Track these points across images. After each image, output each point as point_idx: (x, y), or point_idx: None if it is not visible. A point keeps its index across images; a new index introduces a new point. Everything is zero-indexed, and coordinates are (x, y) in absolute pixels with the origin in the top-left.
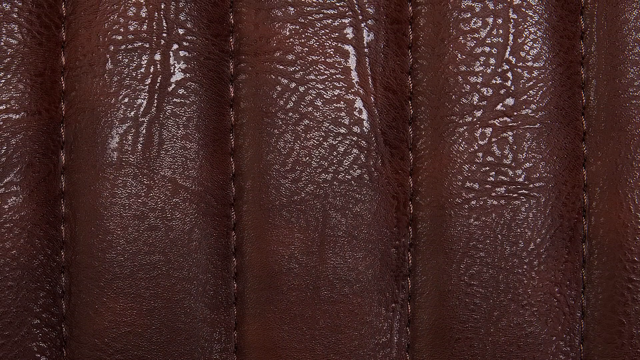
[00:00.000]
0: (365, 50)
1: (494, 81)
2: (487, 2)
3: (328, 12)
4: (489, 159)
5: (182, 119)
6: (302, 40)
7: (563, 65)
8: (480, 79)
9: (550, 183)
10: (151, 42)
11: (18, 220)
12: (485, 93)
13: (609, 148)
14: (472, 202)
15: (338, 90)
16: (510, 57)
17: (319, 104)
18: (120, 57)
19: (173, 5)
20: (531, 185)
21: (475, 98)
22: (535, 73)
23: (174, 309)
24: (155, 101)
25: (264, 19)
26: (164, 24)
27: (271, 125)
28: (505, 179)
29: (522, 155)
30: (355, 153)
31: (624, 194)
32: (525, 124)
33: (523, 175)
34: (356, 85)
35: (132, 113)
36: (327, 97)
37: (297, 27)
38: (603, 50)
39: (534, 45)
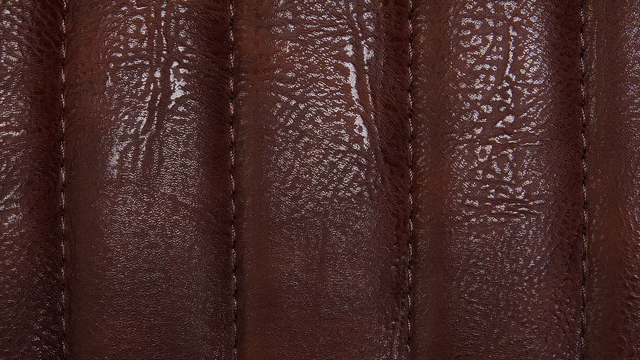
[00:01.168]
0: (365, 67)
1: (494, 99)
2: (487, 20)
3: (328, 29)
4: (489, 176)
5: (182, 136)
6: (302, 58)
7: (563, 82)
8: (480, 97)
9: (550, 200)
10: (151, 59)
11: (18, 237)
12: (485, 110)
13: (609, 165)
14: (472, 220)
15: (338, 108)
16: (510, 75)
17: (319, 121)
18: (120, 74)
19: (173, 23)
20: (531, 203)
21: (475, 115)
22: (535, 90)
23: (174, 326)
24: (155, 119)
25: (264, 37)
26: (164, 41)
27: (271, 143)
28: (505, 196)
29: (522, 173)
30: (355, 170)
31: (624, 211)
32: (525, 141)
33: (523, 193)
34: (356, 102)
35: (132, 130)
36: (327, 114)
37: (297, 44)
38: (603, 67)
39: (534, 62)
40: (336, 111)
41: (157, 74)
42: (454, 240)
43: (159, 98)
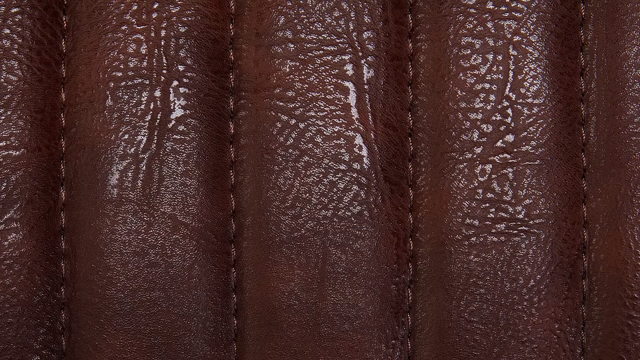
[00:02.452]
0: (366, 86)
1: (494, 118)
2: (487, 39)
3: (328, 48)
4: (489, 195)
5: (182, 155)
6: (302, 77)
7: (563, 101)
8: (480, 116)
9: (550, 220)
10: (151, 78)
11: (18, 256)
12: (485, 130)
13: (609, 185)
14: (472, 239)
15: (338, 127)
16: (510, 94)
17: (319, 140)
18: (120, 93)
19: (173, 42)
20: (531, 222)
21: (475, 135)
22: (535, 109)
23: (174, 345)
24: (155, 138)
25: (264, 56)
26: (164, 60)
27: (271, 162)
28: (505, 215)
29: (522, 192)
30: (355, 190)
31: (624, 230)
32: (525, 160)
33: (523, 212)
34: (356, 121)
35: (132, 150)
36: (327, 133)
37: (297, 63)
38: (603, 86)
39: (534, 81)
40: (336, 130)
41: (157, 93)
42: (454, 259)
43: (159, 117)
